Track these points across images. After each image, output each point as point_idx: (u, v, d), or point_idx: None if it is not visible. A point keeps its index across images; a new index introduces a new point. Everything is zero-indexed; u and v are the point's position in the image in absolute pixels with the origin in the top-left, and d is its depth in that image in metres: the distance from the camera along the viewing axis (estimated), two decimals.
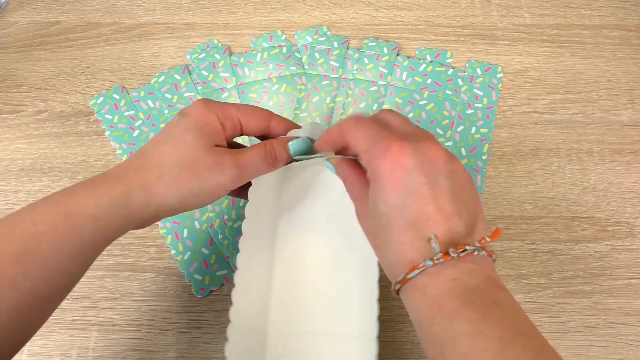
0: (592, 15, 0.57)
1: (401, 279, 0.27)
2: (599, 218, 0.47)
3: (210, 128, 0.32)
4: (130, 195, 0.30)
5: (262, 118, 0.35)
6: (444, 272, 0.26)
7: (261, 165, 0.33)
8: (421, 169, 0.27)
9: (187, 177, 0.31)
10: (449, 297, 0.25)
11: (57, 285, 0.29)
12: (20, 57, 0.57)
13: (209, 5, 0.59)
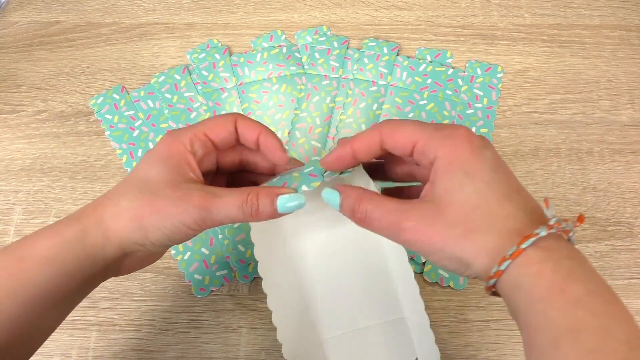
0: (592, 15, 0.57)
1: (512, 251, 0.24)
2: (599, 218, 0.47)
3: (177, 159, 0.29)
4: (86, 233, 0.28)
5: (225, 123, 0.31)
6: (559, 248, 0.24)
7: (235, 214, 0.28)
8: (491, 149, 0.27)
9: (145, 211, 0.28)
10: (572, 280, 0.23)
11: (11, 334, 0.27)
12: (20, 57, 0.57)
13: (209, 5, 0.59)
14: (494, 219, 0.25)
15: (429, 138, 0.27)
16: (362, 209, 0.28)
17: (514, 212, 0.25)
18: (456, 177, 0.26)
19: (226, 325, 0.44)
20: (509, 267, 0.24)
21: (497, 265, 0.24)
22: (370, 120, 0.51)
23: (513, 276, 0.24)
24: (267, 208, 0.28)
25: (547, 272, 0.23)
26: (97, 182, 0.50)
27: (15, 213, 0.49)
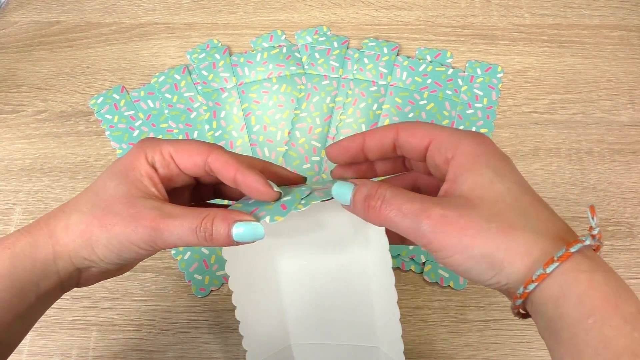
0: (592, 15, 0.57)
1: (561, 254, 0.21)
2: (599, 218, 0.47)
3: (137, 173, 0.28)
4: (35, 246, 0.27)
5: (196, 152, 0.28)
6: (599, 260, 0.22)
7: (187, 238, 0.26)
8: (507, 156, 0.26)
9: (94, 226, 0.26)
10: (625, 295, 0.21)
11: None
12: (20, 57, 0.57)
13: (209, 5, 0.59)
14: (531, 219, 0.23)
15: (449, 135, 0.26)
16: (379, 193, 0.25)
17: (551, 217, 0.24)
18: (485, 174, 0.24)
19: (226, 325, 0.44)
20: (553, 272, 0.22)
21: (542, 267, 0.22)
22: (370, 120, 0.51)
23: (558, 284, 0.22)
24: (222, 235, 0.26)
25: (600, 283, 0.21)
26: None
27: (15, 213, 0.49)
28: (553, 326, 0.22)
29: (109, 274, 0.30)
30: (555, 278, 0.22)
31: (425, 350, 0.43)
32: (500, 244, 0.23)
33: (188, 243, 0.26)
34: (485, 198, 0.24)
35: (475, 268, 0.23)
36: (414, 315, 0.44)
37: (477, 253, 0.23)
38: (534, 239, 0.23)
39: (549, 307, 0.22)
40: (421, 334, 0.43)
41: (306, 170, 0.49)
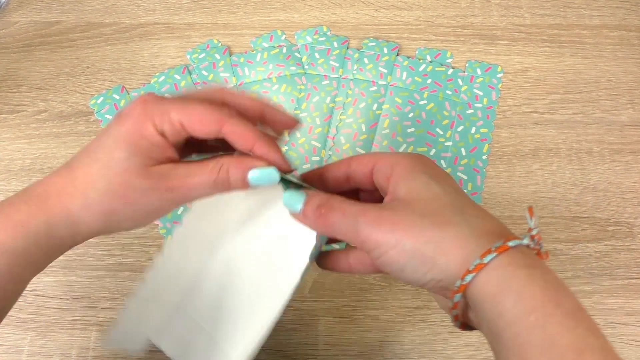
0: (592, 15, 0.57)
1: (498, 245, 0.21)
2: (599, 218, 0.47)
3: (147, 142, 0.27)
4: (52, 226, 0.26)
5: (208, 122, 0.27)
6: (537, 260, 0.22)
7: (208, 191, 0.27)
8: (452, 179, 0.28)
9: (117, 204, 0.27)
10: (565, 292, 0.21)
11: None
12: (20, 57, 0.57)
13: (209, 5, 0.59)
14: (468, 217, 0.23)
15: (388, 156, 0.27)
16: (329, 203, 0.26)
17: (489, 217, 0.24)
18: (421, 179, 0.25)
19: None
20: (490, 263, 0.21)
21: (479, 257, 0.21)
22: (370, 120, 0.51)
23: (496, 279, 0.21)
24: (238, 182, 0.27)
25: (538, 279, 0.21)
26: None
27: None
28: (494, 327, 0.21)
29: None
30: (493, 272, 0.21)
31: (425, 350, 0.43)
32: (432, 237, 0.23)
33: (209, 195, 0.28)
34: (421, 198, 0.24)
35: (409, 264, 0.23)
36: (413, 315, 0.44)
37: (409, 247, 0.23)
38: (469, 232, 0.23)
39: (488, 306, 0.21)
40: (421, 334, 0.43)
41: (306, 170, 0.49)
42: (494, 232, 0.23)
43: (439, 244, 0.23)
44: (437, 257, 0.23)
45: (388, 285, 0.45)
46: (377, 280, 0.45)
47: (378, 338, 0.44)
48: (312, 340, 0.44)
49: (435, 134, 0.51)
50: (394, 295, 0.45)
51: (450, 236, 0.23)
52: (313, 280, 0.46)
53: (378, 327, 0.44)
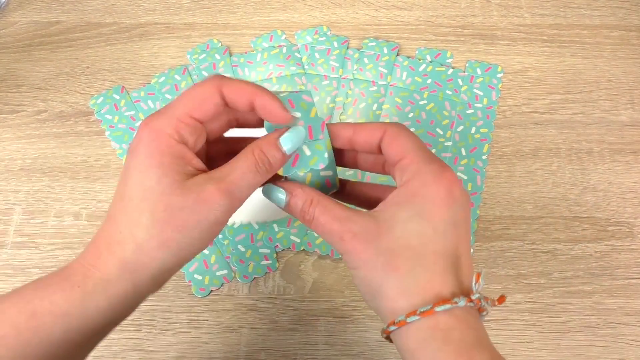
0: (592, 15, 0.57)
1: (425, 310, 0.23)
2: (599, 218, 0.47)
3: (169, 156, 0.25)
4: (110, 283, 0.24)
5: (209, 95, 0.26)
6: (469, 319, 0.24)
7: (255, 180, 0.26)
8: (464, 207, 0.26)
9: (168, 232, 0.24)
10: (480, 348, 0.23)
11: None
12: (20, 57, 0.57)
13: (209, 5, 0.59)
14: (420, 267, 0.24)
15: (416, 162, 0.26)
16: (310, 212, 0.27)
17: (444, 272, 0.25)
18: (407, 211, 0.25)
19: (226, 325, 0.44)
20: (413, 323, 0.24)
21: (405, 316, 0.24)
22: (370, 120, 0.51)
23: (418, 335, 0.24)
24: (277, 157, 0.27)
25: (455, 339, 0.23)
26: (97, 182, 0.50)
27: (15, 213, 0.49)
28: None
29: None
30: (414, 332, 0.24)
31: None
32: (376, 277, 0.25)
33: (256, 185, 0.27)
34: (391, 232, 0.25)
35: (360, 287, 0.26)
36: None
37: (361, 276, 0.26)
38: (410, 286, 0.24)
39: (410, 353, 0.24)
40: None
41: None
42: (433, 292, 0.24)
43: (381, 286, 0.25)
44: (376, 296, 0.25)
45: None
46: None
47: (378, 338, 0.44)
48: (312, 340, 0.44)
49: (435, 134, 0.51)
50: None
51: (391, 284, 0.25)
52: (313, 280, 0.46)
53: (378, 327, 0.44)
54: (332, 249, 0.46)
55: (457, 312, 0.24)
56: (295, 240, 0.47)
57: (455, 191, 0.26)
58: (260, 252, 0.46)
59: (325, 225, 0.26)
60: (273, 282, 0.46)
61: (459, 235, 0.25)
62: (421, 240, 0.25)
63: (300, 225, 0.47)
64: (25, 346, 0.23)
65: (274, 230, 0.47)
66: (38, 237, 0.48)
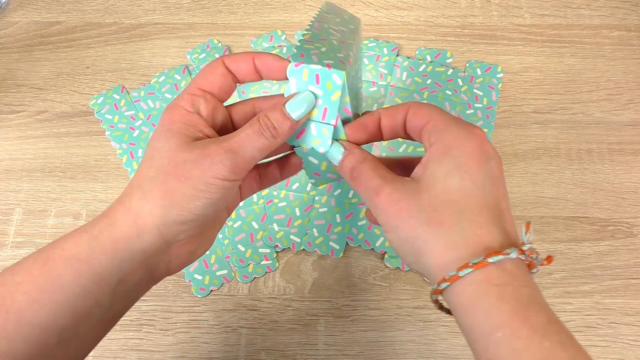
0: (592, 15, 0.57)
1: (477, 261, 0.22)
2: (599, 218, 0.47)
3: (180, 123, 0.27)
4: (114, 225, 0.26)
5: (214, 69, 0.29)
6: (521, 275, 0.23)
7: (259, 142, 0.27)
8: (497, 161, 0.25)
9: (172, 182, 0.26)
10: (536, 308, 0.22)
11: (39, 344, 0.24)
12: (20, 57, 0.57)
13: (209, 5, 0.59)
14: (465, 220, 0.24)
15: (444, 122, 0.26)
16: (359, 167, 0.27)
17: (489, 224, 0.24)
18: (446, 166, 0.25)
19: (226, 325, 0.44)
20: (466, 277, 0.22)
21: (456, 269, 0.23)
22: None
23: (468, 293, 0.23)
24: (282, 121, 0.27)
25: (509, 296, 0.22)
26: (97, 182, 0.50)
27: (15, 213, 0.49)
28: (467, 336, 0.23)
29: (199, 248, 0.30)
30: (467, 287, 0.23)
31: (425, 350, 0.43)
32: (422, 234, 0.24)
33: (262, 149, 0.27)
34: (432, 188, 0.25)
35: (402, 248, 0.25)
36: (414, 315, 0.44)
37: (403, 236, 0.25)
38: (458, 239, 0.23)
39: (461, 315, 0.23)
40: (421, 334, 0.43)
41: None
42: (482, 244, 0.23)
43: (427, 243, 0.24)
44: (422, 254, 0.24)
45: (388, 285, 0.45)
46: (377, 280, 0.46)
47: (378, 338, 0.44)
48: (312, 340, 0.44)
49: None
50: (394, 295, 0.45)
51: (437, 239, 0.24)
52: (313, 280, 0.46)
53: (378, 327, 0.44)
54: (332, 248, 0.46)
55: (509, 267, 0.23)
56: (295, 240, 0.47)
57: (487, 147, 0.25)
58: (260, 252, 0.46)
59: (367, 180, 0.26)
60: (273, 282, 0.46)
61: (498, 190, 0.25)
62: (463, 192, 0.24)
63: (300, 225, 0.47)
64: (39, 292, 0.24)
65: (274, 230, 0.47)
66: (38, 237, 0.48)
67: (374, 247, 0.46)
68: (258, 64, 0.29)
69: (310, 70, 0.27)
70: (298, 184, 0.48)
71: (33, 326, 0.24)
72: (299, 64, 0.27)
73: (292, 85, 0.27)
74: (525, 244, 0.23)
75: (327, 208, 0.48)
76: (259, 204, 0.48)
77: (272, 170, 0.33)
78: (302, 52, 0.27)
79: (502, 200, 0.25)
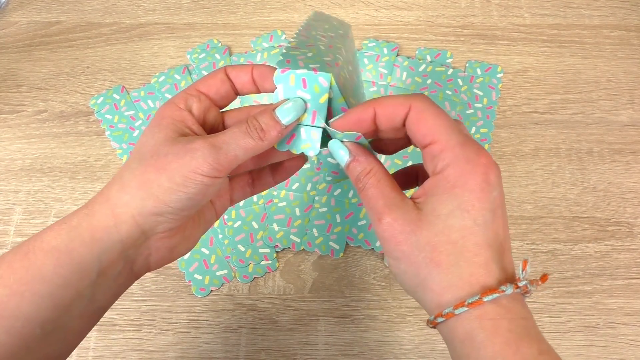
0: (592, 15, 0.57)
1: (473, 300, 0.23)
2: (599, 218, 0.47)
3: (169, 119, 0.27)
4: (92, 215, 0.26)
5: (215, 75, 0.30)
6: (516, 308, 0.24)
7: (244, 142, 0.26)
8: (500, 190, 0.25)
9: (151, 174, 0.26)
10: (528, 339, 0.23)
11: (22, 336, 0.24)
12: (20, 57, 0.57)
13: (209, 5, 0.59)
14: (463, 261, 0.24)
15: (450, 150, 0.25)
16: (364, 181, 0.27)
17: (487, 263, 0.24)
18: (448, 205, 0.25)
19: (226, 325, 0.44)
20: (461, 315, 0.24)
21: (453, 308, 0.24)
22: None
23: (466, 326, 0.24)
24: (271, 124, 0.27)
25: (503, 330, 0.23)
26: (97, 182, 0.50)
27: (15, 213, 0.49)
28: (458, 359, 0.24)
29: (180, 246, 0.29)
30: (462, 322, 0.24)
31: (425, 350, 0.43)
32: (420, 272, 0.25)
33: (247, 149, 0.27)
34: (433, 226, 0.25)
35: (400, 277, 0.26)
36: (414, 315, 0.44)
37: (402, 268, 0.25)
38: (452, 281, 0.24)
39: (457, 345, 0.24)
40: (421, 334, 0.43)
41: (305, 169, 0.49)
42: (478, 283, 0.24)
43: (425, 281, 0.25)
44: (420, 289, 0.25)
45: (388, 285, 0.45)
46: (377, 280, 0.46)
47: (378, 338, 0.44)
48: (312, 340, 0.44)
49: None
50: (394, 295, 0.45)
51: (435, 279, 0.25)
52: (313, 280, 0.46)
53: (378, 327, 0.44)
54: (332, 248, 0.46)
55: (504, 301, 0.24)
56: (295, 240, 0.47)
57: (491, 176, 0.25)
58: (260, 252, 0.46)
59: (371, 199, 0.26)
60: (273, 282, 0.46)
61: (497, 222, 0.25)
62: (462, 233, 0.24)
63: (300, 225, 0.47)
64: (21, 284, 0.24)
65: (274, 230, 0.47)
66: None
67: (374, 247, 0.46)
68: (255, 74, 0.29)
69: (296, 75, 0.27)
70: (298, 184, 0.48)
71: (16, 318, 0.24)
72: (285, 70, 0.27)
73: (280, 91, 0.28)
74: (522, 281, 0.24)
75: (327, 208, 0.48)
76: (259, 204, 0.48)
77: (265, 176, 0.33)
78: (288, 58, 0.28)
79: (501, 230, 0.25)
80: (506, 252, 0.25)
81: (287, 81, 0.27)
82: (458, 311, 0.23)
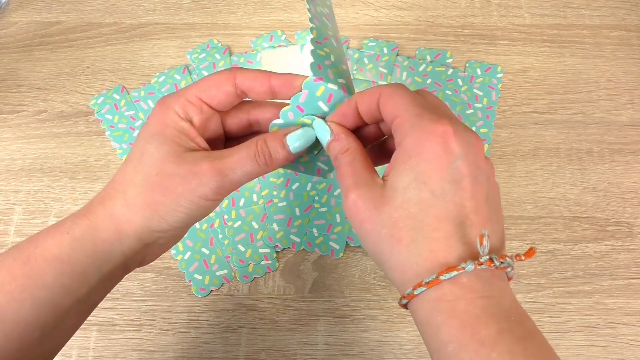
0: (592, 15, 0.57)
1: (430, 280, 0.22)
2: (599, 218, 0.47)
3: (172, 129, 0.27)
4: (96, 229, 0.26)
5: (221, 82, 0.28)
6: (477, 286, 0.22)
7: (251, 169, 0.27)
8: (466, 158, 0.23)
9: (156, 194, 0.26)
10: (485, 319, 0.22)
11: (21, 340, 0.25)
12: (20, 57, 0.57)
13: (209, 5, 0.59)
14: (421, 237, 0.23)
15: (408, 120, 0.24)
16: (339, 158, 0.27)
17: (448, 238, 0.23)
18: (404, 177, 0.24)
19: (226, 325, 0.44)
20: (421, 295, 0.23)
21: (412, 288, 0.23)
22: None
23: (427, 307, 0.23)
24: (279, 152, 0.27)
25: (459, 311, 0.22)
26: (97, 182, 0.50)
27: (15, 213, 0.49)
28: (427, 348, 0.24)
29: (173, 241, 0.30)
30: (422, 304, 0.23)
31: (425, 350, 0.43)
32: (384, 249, 0.24)
33: (250, 174, 0.27)
34: (393, 201, 0.24)
35: (371, 255, 0.26)
36: None
37: (369, 247, 0.25)
38: (412, 258, 0.23)
39: (420, 328, 0.24)
40: None
41: None
42: (437, 260, 0.23)
43: (389, 259, 0.24)
44: (386, 268, 0.25)
45: (388, 285, 0.45)
46: (377, 280, 0.46)
47: (378, 338, 0.44)
48: (312, 340, 0.44)
49: None
50: (393, 295, 0.45)
51: (397, 256, 0.24)
52: (313, 280, 0.46)
53: (378, 327, 0.44)
54: (332, 248, 0.46)
55: (464, 280, 0.22)
56: (295, 240, 0.47)
57: (452, 144, 0.23)
58: (260, 252, 0.46)
59: (342, 176, 0.26)
60: (273, 282, 0.46)
61: (463, 193, 0.23)
62: (420, 206, 0.23)
63: (300, 225, 0.47)
64: (21, 291, 0.25)
65: (274, 230, 0.47)
66: None
67: None
68: (276, 84, 0.28)
69: (326, 88, 0.27)
70: (298, 184, 0.48)
71: (16, 324, 0.24)
72: (318, 80, 0.27)
73: (303, 96, 0.28)
74: (482, 256, 0.22)
75: (327, 208, 0.48)
76: (259, 204, 0.48)
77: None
78: (318, 62, 0.27)
79: (468, 202, 0.23)
80: (474, 227, 0.23)
81: (314, 89, 0.27)
82: (417, 291, 0.23)
